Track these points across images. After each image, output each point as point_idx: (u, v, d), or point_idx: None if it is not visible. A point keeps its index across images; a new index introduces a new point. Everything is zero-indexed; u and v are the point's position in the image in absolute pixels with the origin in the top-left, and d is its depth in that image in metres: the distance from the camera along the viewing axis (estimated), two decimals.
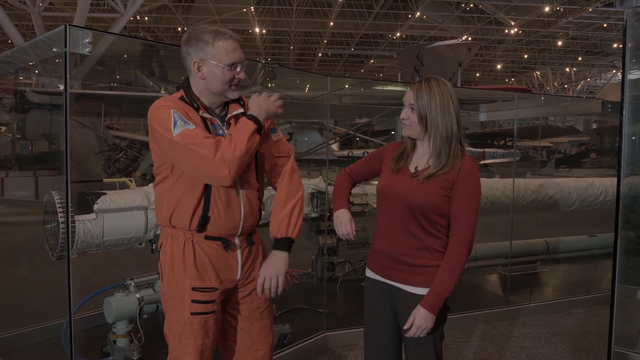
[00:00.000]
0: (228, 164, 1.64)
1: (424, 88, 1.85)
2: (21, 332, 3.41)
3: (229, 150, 1.65)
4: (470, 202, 1.83)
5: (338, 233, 1.96)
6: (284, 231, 1.85)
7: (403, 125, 1.92)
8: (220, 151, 1.64)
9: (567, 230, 6.20)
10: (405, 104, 1.91)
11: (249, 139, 1.69)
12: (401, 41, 27.19)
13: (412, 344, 1.90)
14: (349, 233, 1.92)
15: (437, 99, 1.83)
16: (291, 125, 14.31)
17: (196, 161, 1.66)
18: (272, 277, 1.80)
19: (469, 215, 1.83)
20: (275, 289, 1.81)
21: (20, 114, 11.77)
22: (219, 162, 1.64)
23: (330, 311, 3.95)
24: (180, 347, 1.81)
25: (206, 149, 1.63)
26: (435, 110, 1.83)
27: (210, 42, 1.73)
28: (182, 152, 1.67)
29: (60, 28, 2.16)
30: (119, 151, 12.06)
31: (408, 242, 1.88)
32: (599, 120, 22.01)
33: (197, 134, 1.66)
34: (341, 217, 1.95)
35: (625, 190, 2.64)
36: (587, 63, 32.03)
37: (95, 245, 2.89)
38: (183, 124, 1.67)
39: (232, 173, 1.67)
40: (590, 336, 3.86)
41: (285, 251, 1.85)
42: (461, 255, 1.82)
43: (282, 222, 1.86)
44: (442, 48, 17.57)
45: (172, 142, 1.67)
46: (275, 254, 1.84)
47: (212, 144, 1.64)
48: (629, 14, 2.49)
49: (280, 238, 1.85)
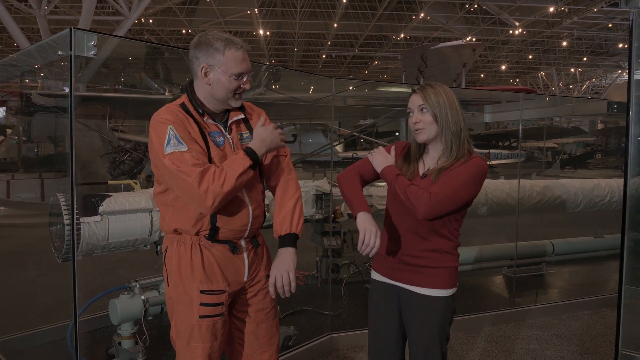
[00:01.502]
0: (213, 197, 1.64)
1: (429, 89, 1.87)
2: (27, 334, 3.42)
3: (217, 184, 1.64)
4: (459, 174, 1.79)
5: (361, 244, 1.75)
6: (287, 227, 1.85)
7: (417, 131, 1.88)
8: (205, 182, 1.64)
9: (573, 231, 6.17)
10: (412, 109, 1.89)
11: (239, 176, 1.68)
12: (405, 42, 27.19)
13: (420, 345, 1.89)
14: (375, 247, 1.74)
15: (444, 97, 1.85)
16: (295, 126, 14.33)
17: (182, 187, 1.67)
18: (282, 275, 1.79)
19: (453, 182, 1.77)
20: (288, 287, 1.79)
21: (26, 117, 11.85)
22: (203, 194, 1.64)
23: (335, 313, 3.94)
24: (189, 351, 1.81)
25: (192, 179, 1.63)
26: (444, 107, 1.84)
27: (221, 50, 1.73)
28: (170, 174, 1.68)
29: (65, 31, 2.17)
30: (123, 153, 12.11)
31: (418, 244, 1.88)
32: (604, 121, 21.91)
33: (186, 160, 1.65)
34: (368, 225, 1.76)
35: (632, 191, 2.63)
36: (592, 63, 31.91)
37: (101, 247, 2.90)
38: (176, 143, 1.67)
39: (215, 205, 1.67)
40: (597, 338, 3.84)
41: (292, 247, 1.84)
42: (422, 201, 1.73)
43: (285, 219, 1.86)
44: (446, 49, 17.56)
45: (162, 161, 1.68)
46: (282, 252, 1.83)
47: (198, 174, 1.63)
48: (635, 13, 2.47)
49: (284, 235, 1.85)
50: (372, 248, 1.74)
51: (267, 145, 1.80)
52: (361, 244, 1.75)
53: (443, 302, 1.87)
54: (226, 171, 1.67)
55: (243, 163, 1.71)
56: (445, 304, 1.88)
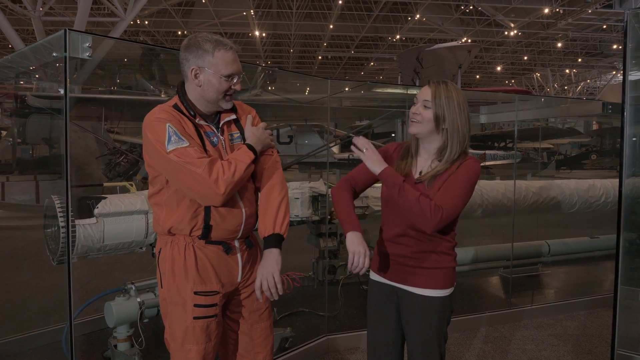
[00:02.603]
0: (225, 185, 1.67)
1: (442, 88, 1.83)
2: (22, 337, 3.40)
3: (229, 173, 1.68)
4: (460, 180, 1.78)
5: (351, 264, 1.78)
6: (270, 228, 1.83)
7: (412, 122, 1.87)
8: (215, 172, 1.66)
9: (569, 231, 6.19)
10: (418, 100, 1.87)
11: (247, 167, 1.75)
12: (401, 44, 27.25)
13: (418, 345, 1.89)
14: (364, 268, 1.76)
15: (456, 101, 1.82)
16: (291, 128, 14.33)
17: (190, 180, 1.66)
18: (267, 278, 1.75)
19: (456, 191, 1.77)
20: (275, 289, 1.75)
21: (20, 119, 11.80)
22: (214, 183, 1.65)
23: (331, 314, 3.93)
24: (183, 352, 1.80)
25: (201, 169, 1.64)
26: (454, 111, 1.81)
27: (210, 51, 1.73)
28: (175, 169, 1.67)
29: (60, 32, 2.17)
30: (119, 155, 12.08)
31: (415, 245, 1.88)
32: (599, 122, 22.02)
33: (191, 153, 1.66)
34: (357, 246, 1.78)
35: (627, 192, 2.64)
36: (587, 64, 32.07)
37: (96, 249, 2.89)
38: (177, 140, 1.67)
39: (227, 194, 1.69)
40: (593, 338, 3.85)
41: (275, 248, 1.81)
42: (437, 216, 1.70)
43: (269, 219, 1.84)
44: (441, 50, 17.59)
45: (166, 157, 1.66)
46: (265, 255, 1.81)
47: (207, 164, 1.65)
48: (629, 15, 2.49)
49: (268, 236, 1.82)
50: (362, 269, 1.77)
51: (261, 143, 1.85)
52: (351, 265, 1.79)
53: (441, 303, 1.87)
54: (235, 163, 1.72)
55: (249, 155, 1.77)
56: (442, 304, 1.88)
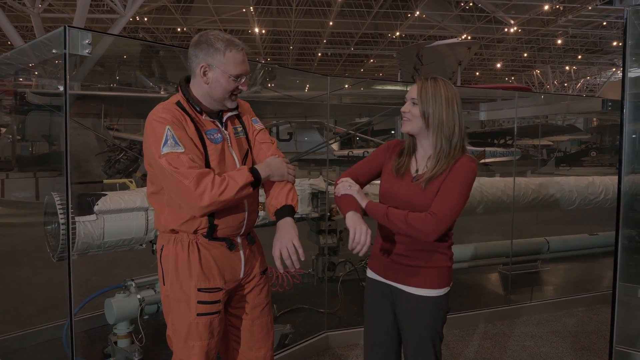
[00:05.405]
0: (210, 201, 1.64)
1: (429, 84, 1.84)
2: (22, 334, 3.41)
3: (216, 192, 1.64)
4: (454, 185, 1.78)
5: (352, 242, 1.74)
6: (283, 200, 1.82)
7: (403, 120, 1.89)
8: (202, 185, 1.63)
9: (568, 228, 6.20)
10: (407, 99, 1.89)
11: (240, 190, 1.68)
12: (401, 40, 27.18)
13: (412, 344, 1.90)
14: (365, 245, 1.73)
15: (443, 96, 1.82)
16: (291, 125, 14.32)
17: (175, 188, 1.66)
18: (286, 245, 1.71)
19: (452, 196, 1.77)
20: (295, 255, 1.70)
21: (20, 115, 11.78)
22: (198, 197, 1.63)
23: (331, 311, 3.94)
24: (186, 349, 1.81)
25: (188, 181, 1.62)
26: (440, 106, 1.81)
27: (222, 50, 1.73)
28: (164, 174, 1.67)
29: (59, 29, 2.16)
30: (119, 152, 12.07)
31: (411, 243, 1.88)
32: (599, 119, 22.00)
33: (182, 162, 1.64)
34: (357, 223, 1.76)
35: (626, 189, 2.65)
36: (587, 61, 31.99)
37: (96, 246, 2.89)
38: (173, 144, 1.66)
39: (209, 210, 1.67)
40: (591, 335, 3.86)
41: (290, 217, 1.80)
42: (430, 225, 1.72)
43: (279, 196, 1.84)
44: (441, 47, 17.57)
45: (158, 160, 1.66)
46: (281, 224, 1.79)
47: (195, 176, 1.62)
48: (629, 12, 2.49)
49: (280, 208, 1.82)
50: (363, 245, 1.73)
51: (270, 170, 1.82)
52: (352, 242, 1.74)
53: (435, 302, 1.87)
54: (228, 181, 1.67)
55: (246, 177, 1.71)
56: (437, 304, 1.87)
